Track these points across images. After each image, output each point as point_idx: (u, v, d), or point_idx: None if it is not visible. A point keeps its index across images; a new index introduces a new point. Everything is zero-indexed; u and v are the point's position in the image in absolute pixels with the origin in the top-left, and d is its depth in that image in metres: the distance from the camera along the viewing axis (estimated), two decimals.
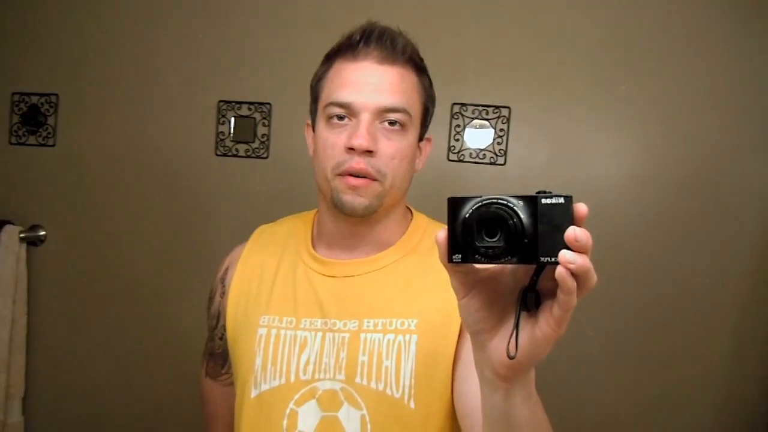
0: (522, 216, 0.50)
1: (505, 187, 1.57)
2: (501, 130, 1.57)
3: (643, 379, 1.54)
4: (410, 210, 1.00)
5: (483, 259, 0.51)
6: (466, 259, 0.52)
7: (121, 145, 1.69)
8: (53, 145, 1.71)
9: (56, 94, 1.70)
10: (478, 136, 1.58)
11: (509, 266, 0.54)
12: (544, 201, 0.49)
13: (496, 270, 0.55)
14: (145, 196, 1.68)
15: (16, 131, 1.72)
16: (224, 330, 0.99)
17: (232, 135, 1.65)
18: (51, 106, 1.70)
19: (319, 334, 0.89)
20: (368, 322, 0.88)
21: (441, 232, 0.52)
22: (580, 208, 0.49)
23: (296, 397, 0.88)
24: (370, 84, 0.85)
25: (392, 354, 0.85)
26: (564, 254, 0.47)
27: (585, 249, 0.48)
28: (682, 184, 1.53)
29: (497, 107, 1.57)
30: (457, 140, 1.59)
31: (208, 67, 1.66)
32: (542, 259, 0.49)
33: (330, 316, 0.89)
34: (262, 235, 1.04)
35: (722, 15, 1.52)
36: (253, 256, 1.00)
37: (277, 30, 1.64)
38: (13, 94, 1.72)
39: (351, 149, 0.84)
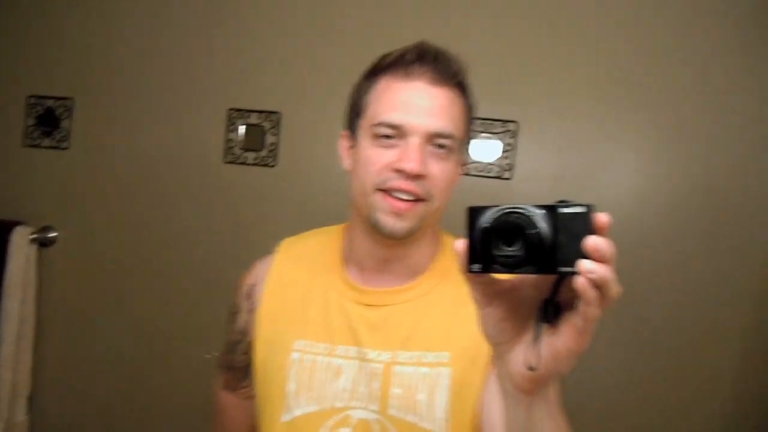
0: (541, 225, 0.49)
1: (511, 202, 1.56)
2: (508, 144, 1.57)
3: (653, 390, 1.52)
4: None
5: (502, 268, 0.50)
6: (485, 269, 0.51)
7: (132, 150, 1.71)
8: (66, 148, 1.74)
9: (71, 98, 1.73)
10: (484, 150, 1.58)
11: (530, 277, 0.54)
12: (563, 210, 0.49)
13: (517, 281, 0.55)
14: (154, 200, 1.71)
15: (30, 133, 1.75)
16: (249, 346, 0.97)
17: (241, 143, 1.67)
18: (66, 110, 1.73)
19: (354, 362, 0.88)
20: (401, 354, 0.86)
21: (460, 241, 0.52)
22: (602, 217, 0.48)
23: (330, 423, 0.86)
24: (421, 107, 0.83)
25: (425, 388, 0.85)
26: (583, 263, 0.46)
27: (606, 259, 0.47)
28: (692, 198, 1.51)
29: (504, 121, 1.57)
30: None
31: (218, 76, 1.68)
32: (561, 269, 0.48)
33: (363, 345, 0.88)
34: (290, 250, 1.00)
35: (731, 27, 1.50)
36: (284, 274, 0.97)
37: (288, 40, 1.65)
38: (29, 97, 1.75)
39: (399, 171, 0.82)
